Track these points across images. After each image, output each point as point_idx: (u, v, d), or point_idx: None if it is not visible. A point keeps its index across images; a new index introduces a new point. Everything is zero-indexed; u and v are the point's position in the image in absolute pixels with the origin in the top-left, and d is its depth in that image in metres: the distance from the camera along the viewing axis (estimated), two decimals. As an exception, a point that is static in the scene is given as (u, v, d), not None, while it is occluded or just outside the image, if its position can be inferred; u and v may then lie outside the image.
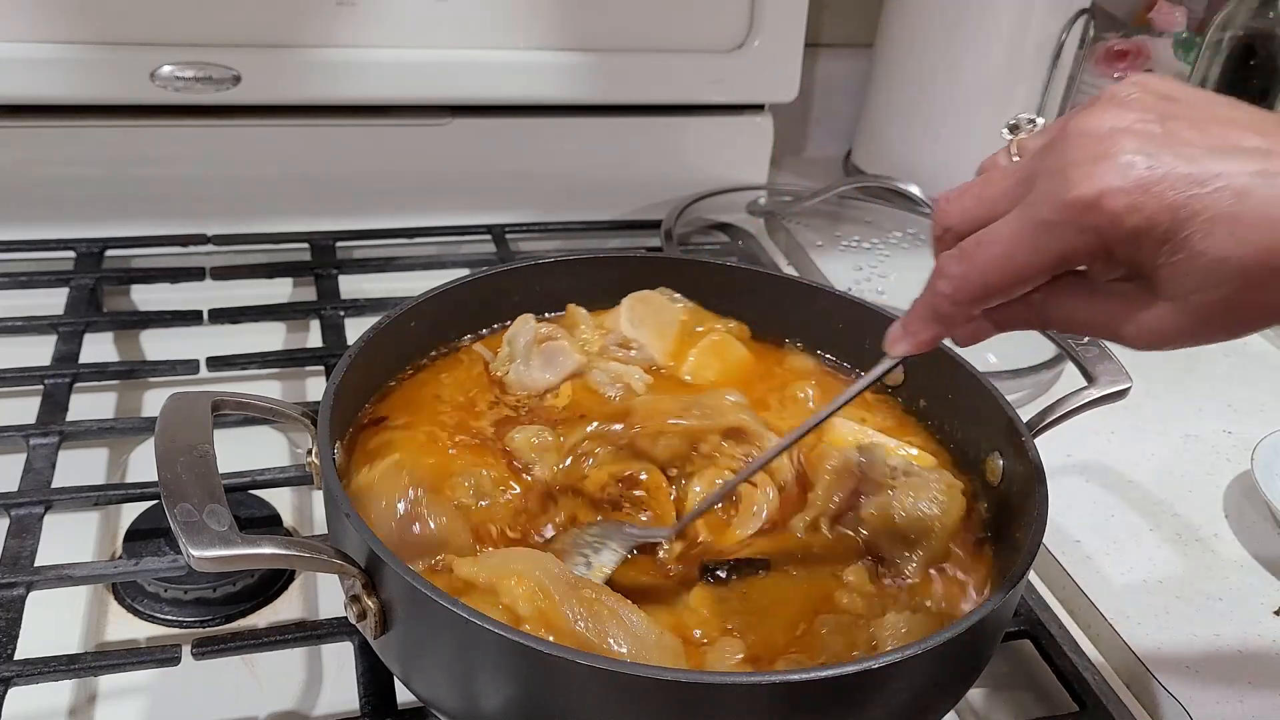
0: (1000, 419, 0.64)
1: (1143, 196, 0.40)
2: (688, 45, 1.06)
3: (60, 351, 0.83)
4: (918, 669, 0.47)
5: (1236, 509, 0.81)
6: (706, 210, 1.11)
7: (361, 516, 0.51)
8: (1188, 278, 0.41)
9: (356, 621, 0.51)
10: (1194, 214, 0.40)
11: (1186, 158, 0.41)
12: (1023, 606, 0.68)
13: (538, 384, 0.69)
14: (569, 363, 0.69)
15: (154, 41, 0.92)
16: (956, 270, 0.46)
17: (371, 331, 0.64)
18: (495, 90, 1.02)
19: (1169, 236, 0.41)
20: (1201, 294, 0.42)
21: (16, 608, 0.61)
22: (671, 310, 0.75)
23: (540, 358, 0.69)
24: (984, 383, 0.66)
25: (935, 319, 0.49)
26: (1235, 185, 0.40)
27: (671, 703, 0.45)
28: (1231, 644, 0.69)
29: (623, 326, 0.74)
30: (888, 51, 1.19)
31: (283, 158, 1.02)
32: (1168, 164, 0.41)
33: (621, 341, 0.73)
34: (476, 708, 0.49)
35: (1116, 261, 0.43)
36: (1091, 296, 0.46)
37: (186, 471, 0.48)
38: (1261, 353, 1.03)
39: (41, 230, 0.96)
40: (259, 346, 0.85)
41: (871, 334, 0.73)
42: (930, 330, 0.50)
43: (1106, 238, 0.42)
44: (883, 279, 1.04)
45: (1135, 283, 0.44)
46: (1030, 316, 0.48)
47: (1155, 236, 0.41)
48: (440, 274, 0.91)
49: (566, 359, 0.69)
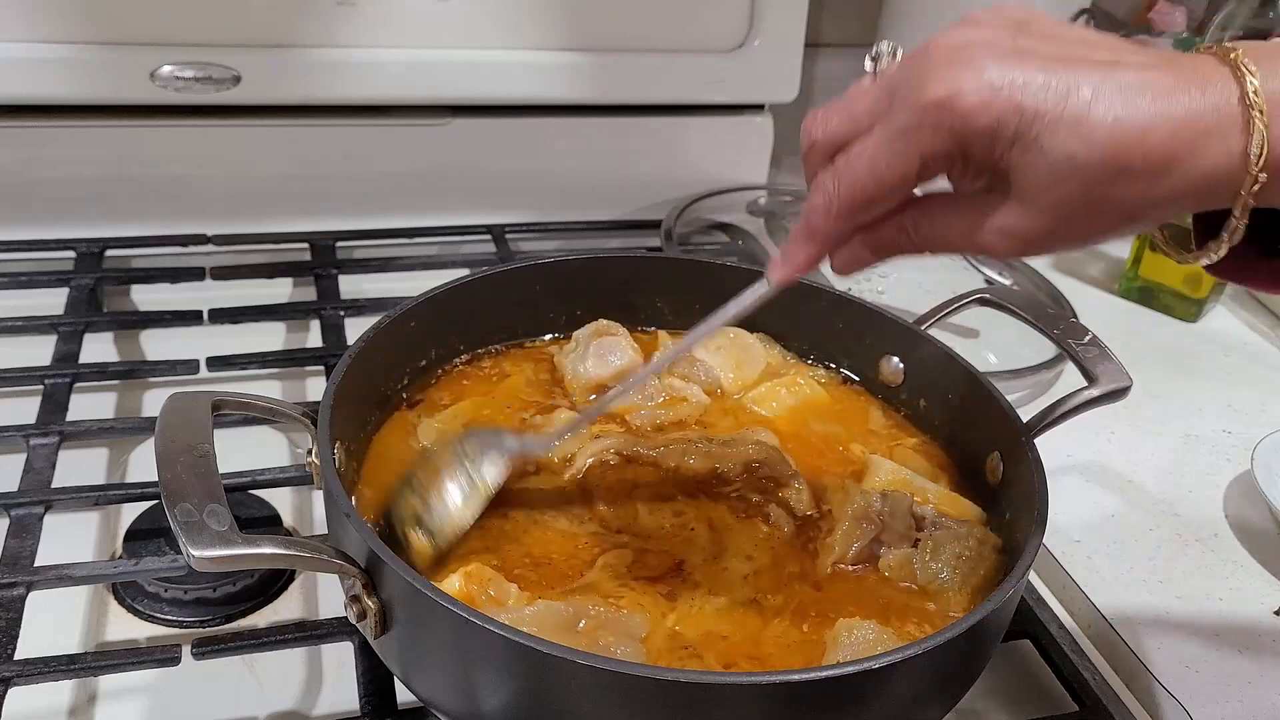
0: (1000, 419, 0.64)
1: (992, 96, 0.43)
2: (688, 45, 1.06)
3: (60, 351, 0.83)
4: (918, 669, 0.47)
5: (1236, 509, 0.81)
6: (706, 210, 1.11)
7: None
8: (1037, 175, 0.43)
9: (356, 621, 0.51)
10: (1039, 115, 0.42)
11: (1036, 66, 0.43)
12: (1023, 606, 0.68)
13: (590, 376, 0.70)
14: (621, 358, 0.71)
15: (154, 41, 0.92)
16: (829, 183, 0.47)
17: (371, 331, 0.64)
18: (495, 90, 1.02)
19: (1018, 135, 0.43)
20: (1051, 192, 0.44)
21: (16, 608, 0.61)
22: (758, 351, 0.75)
23: (595, 350, 0.70)
24: (984, 383, 0.66)
25: (810, 237, 0.49)
26: (1082, 89, 0.42)
27: (671, 702, 0.45)
28: (1231, 644, 0.69)
29: (697, 349, 0.73)
30: (888, 51, 1.19)
31: (283, 158, 1.02)
32: (1017, 69, 0.43)
33: (689, 361, 0.73)
34: (476, 708, 0.49)
35: (973, 166, 0.45)
36: (955, 209, 0.48)
37: (186, 471, 0.49)
38: (1261, 353, 1.03)
39: (41, 230, 0.96)
40: (259, 346, 0.85)
41: (871, 334, 0.73)
42: (806, 250, 0.50)
43: (960, 137, 0.43)
44: (883, 279, 1.04)
45: (993, 191, 0.46)
46: (903, 239, 0.49)
47: (1005, 136, 0.43)
48: (440, 274, 0.91)
49: (619, 355, 0.71)
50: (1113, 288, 1.10)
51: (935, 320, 0.72)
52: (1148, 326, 1.05)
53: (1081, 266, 1.14)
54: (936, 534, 0.60)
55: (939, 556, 0.59)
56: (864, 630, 0.53)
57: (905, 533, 0.60)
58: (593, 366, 0.70)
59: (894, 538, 0.60)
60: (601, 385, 0.70)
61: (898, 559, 0.59)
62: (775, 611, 0.56)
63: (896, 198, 0.47)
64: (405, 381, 0.69)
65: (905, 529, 0.60)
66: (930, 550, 0.59)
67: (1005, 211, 0.45)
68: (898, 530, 0.60)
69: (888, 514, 0.60)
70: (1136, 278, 1.08)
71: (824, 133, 0.49)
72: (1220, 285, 1.06)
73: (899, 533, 0.60)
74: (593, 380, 0.70)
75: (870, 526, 0.60)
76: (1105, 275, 1.13)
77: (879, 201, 0.47)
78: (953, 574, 0.58)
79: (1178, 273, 1.05)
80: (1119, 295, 1.09)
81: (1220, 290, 1.07)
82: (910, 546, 0.60)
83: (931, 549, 0.59)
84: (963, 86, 0.43)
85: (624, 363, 0.71)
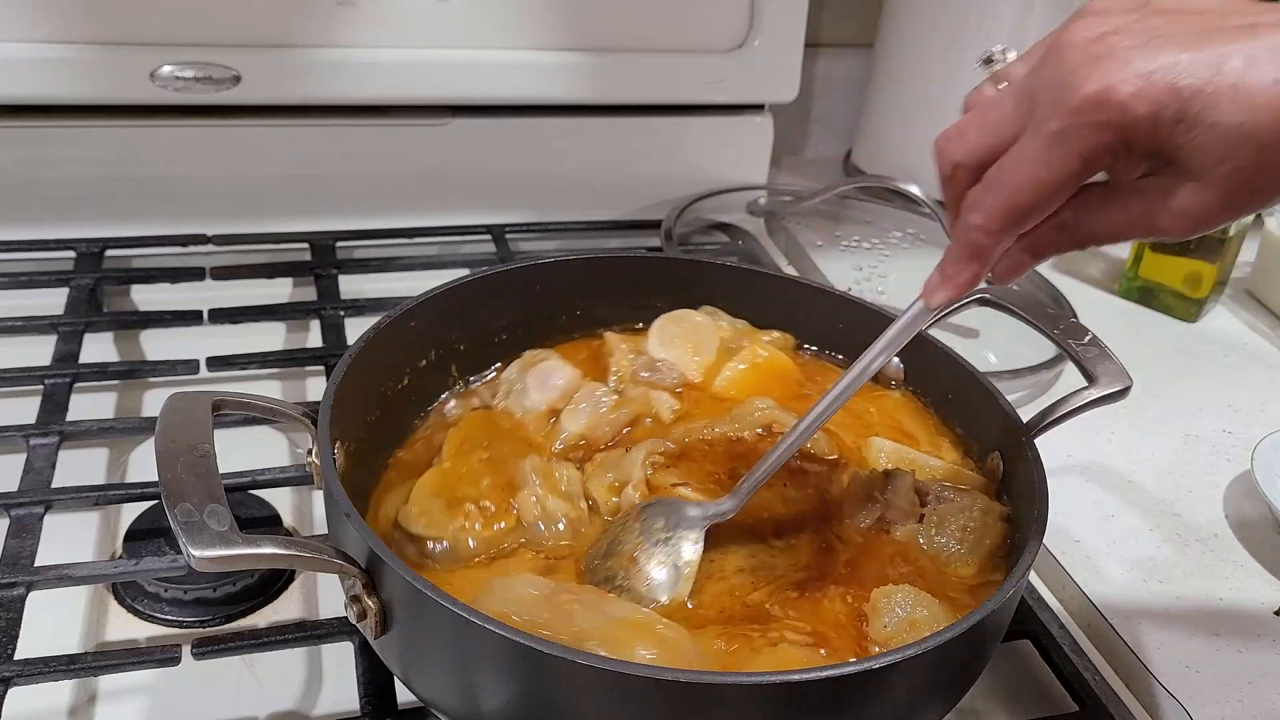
0: (1000, 419, 0.64)
1: (1145, 84, 0.42)
2: (688, 45, 1.06)
3: (60, 351, 0.83)
4: (918, 669, 0.47)
5: (1236, 509, 0.81)
6: (706, 210, 1.11)
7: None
8: (1208, 151, 0.43)
9: (357, 621, 0.51)
10: (1197, 92, 0.42)
11: (1179, 45, 0.43)
12: (1023, 606, 0.68)
13: (537, 406, 0.68)
14: (562, 379, 0.68)
15: (154, 41, 0.92)
16: (987, 199, 0.47)
17: (372, 331, 0.64)
18: (495, 90, 1.02)
19: (1181, 116, 0.43)
20: (1224, 164, 0.43)
21: (16, 608, 0.61)
22: (708, 328, 0.74)
23: (533, 379, 0.68)
24: (984, 383, 0.66)
25: (971, 255, 0.49)
26: (1231, 59, 0.42)
27: (671, 703, 0.45)
28: (1231, 644, 0.69)
29: (651, 348, 0.73)
30: (888, 51, 1.19)
31: (283, 158, 1.02)
32: (1162, 52, 0.43)
33: (649, 365, 0.72)
34: (476, 708, 0.49)
35: (1136, 154, 0.44)
36: (1121, 201, 0.47)
37: (186, 471, 0.48)
38: (1261, 353, 1.03)
39: (41, 230, 0.96)
40: (259, 346, 0.85)
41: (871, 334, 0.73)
42: (969, 269, 0.50)
43: (1121, 130, 0.43)
44: (883, 279, 1.04)
45: (1160, 174, 0.46)
46: (1063, 238, 0.49)
47: (1166, 119, 0.43)
48: (440, 274, 0.91)
49: (559, 375, 0.69)
50: (1113, 288, 1.11)
51: (935, 320, 0.72)
52: (1148, 326, 1.05)
53: (1081, 266, 1.14)
54: (940, 507, 0.61)
55: (945, 530, 0.60)
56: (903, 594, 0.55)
57: (909, 509, 0.61)
58: (538, 396, 0.68)
59: (899, 515, 0.61)
60: (553, 410, 0.68)
61: (905, 535, 0.60)
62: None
63: (1058, 202, 0.47)
64: (405, 382, 0.69)
65: (909, 505, 0.61)
66: (936, 524, 0.60)
67: (1179, 192, 0.45)
68: (902, 507, 0.61)
69: (891, 493, 0.62)
70: (1136, 278, 1.08)
71: (965, 152, 0.48)
72: (1220, 285, 1.06)
73: (903, 509, 0.61)
74: (545, 408, 0.68)
75: (875, 506, 0.61)
76: (1105, 275, 1.13)
77: (1041, 209, 0.47)
78: (960, 546, 0.59)
79: (1178, 273, 1.05)
80: (1119, 295, 1.09)
81: (1220, 290, 1.07)
82: (916, 522, 0.61)
83: (937, 523, 0.60)
84: (1112, 79, 0.42)
85: (566, 381, 0.69)
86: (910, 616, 0.54)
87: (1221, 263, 1.03)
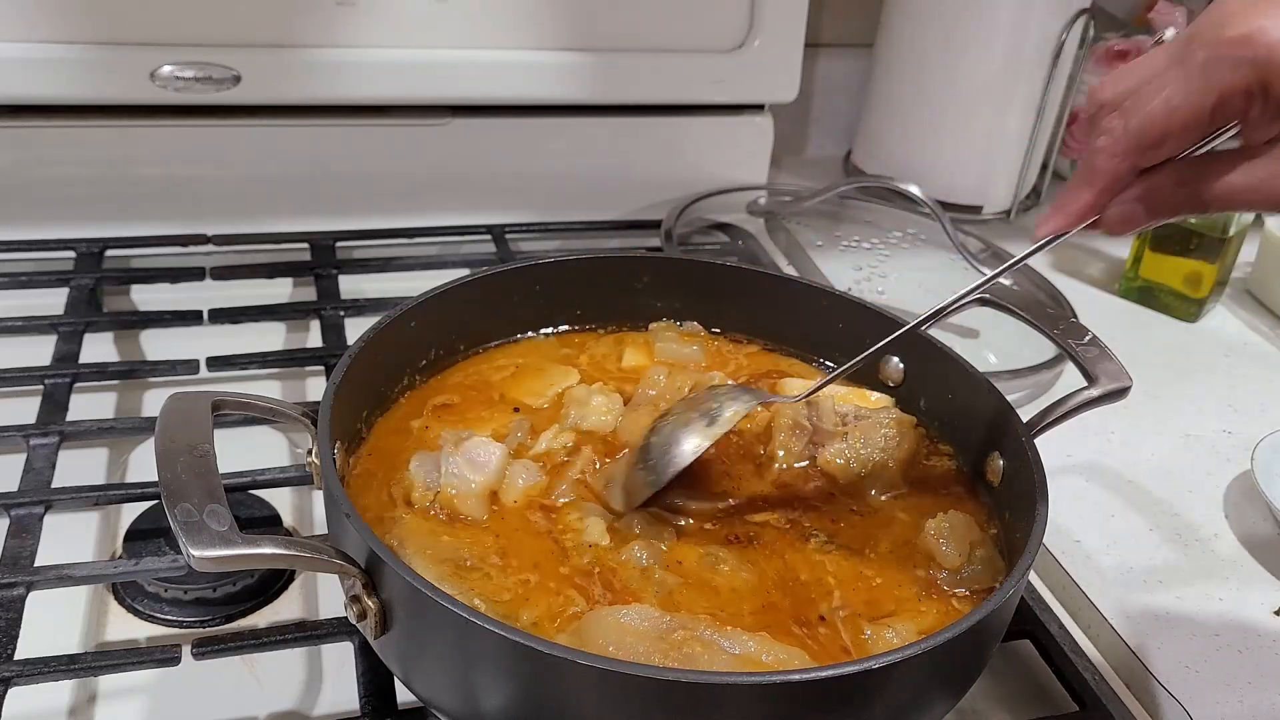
0: (1000, 419, 0.64)
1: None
2: (688, 45, 1.06)
3: (60, 351, 0.83)
4: (918, 669, 0.47)
5: (1236, 509, 0.81)
6: (706, 210, 1.11)
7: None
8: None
9: (356, 621, 0.51)
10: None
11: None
12: (1023, 606, 0.68)
13: (479, 486, 0.61)
14: (491, 455, 0.62)
15: (154, 41, 0.92)
16: (1117, 122, 0.47)
17: (372, 331, 0.64)
18: (495, 90, 1.02)
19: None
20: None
21: (16, 608, 0.61)
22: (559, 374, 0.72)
23: (462, 460, 0.62)
24: (984, 383, 0.66)
25: (1090, 180, 0.49)
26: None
27: (671, 703, 0.45)
28: (1231, 644, 0.69)
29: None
30: (888, 51, 1.19)
31: (283, 158, 1.02)
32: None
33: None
34: (476, 708, 0.49)
35: (1271, 105, 0.45)
36: (1250, 162, 0.47)
37: (186, 471, 0.49)
38: (1262, 353, 1.03)
39: (41, 230, 0.96)
40: (259, 346, 0.85)
41: (871, 334, 0.73)
42: (1084, 196, 0.50)
43: (1262, 70, 0.44)
44: (883, 279, 1.04)
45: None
46: (1182, 195, 0.49)
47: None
48: (440, 274, 0.91)
49: (487, 452, 0.62)
50: (1113, 288, 1.10)
51: (935, 320, 0.72)
52: (1148, 326, 1.05)
53: (1081, 266, 1.14)
54: (860, 423, 0.67)
55: (870, 441, 0.66)
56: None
57: (834, 430, 0.67)
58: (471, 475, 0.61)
59: (826, 436, 0.67)
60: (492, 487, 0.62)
61: (835, 451, 0.66)
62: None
63: (1188, 139, 0.47)
64: (405, 381, 0.69)
65: (834, 426, 0.67)
66: (860, 438, 0.66)
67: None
68: (827, 429, 0.67)
69: (816, 418, 0.68)
70: (1136, 278, 1.08)
71: (1113, 92, 0.49)
72: (1220, 285, 1.06)
73: (828, 430, 0.67)
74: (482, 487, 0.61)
75: (803, 431, 0.67)
76: (1105, 275, 1.13)
77: (1169, 140, 0.47)
78: (884, 454, 0.66)
79: (1177, 272, 1.05)
80: (1119, 295, 1.09)
81: (1220, 290, 1.07)
82: (841, 442, 0.66)
83: (861, 437, 0.66)
84: (1266, 22, 0.43)
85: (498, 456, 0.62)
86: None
87: (1221, 263, 1.03)
